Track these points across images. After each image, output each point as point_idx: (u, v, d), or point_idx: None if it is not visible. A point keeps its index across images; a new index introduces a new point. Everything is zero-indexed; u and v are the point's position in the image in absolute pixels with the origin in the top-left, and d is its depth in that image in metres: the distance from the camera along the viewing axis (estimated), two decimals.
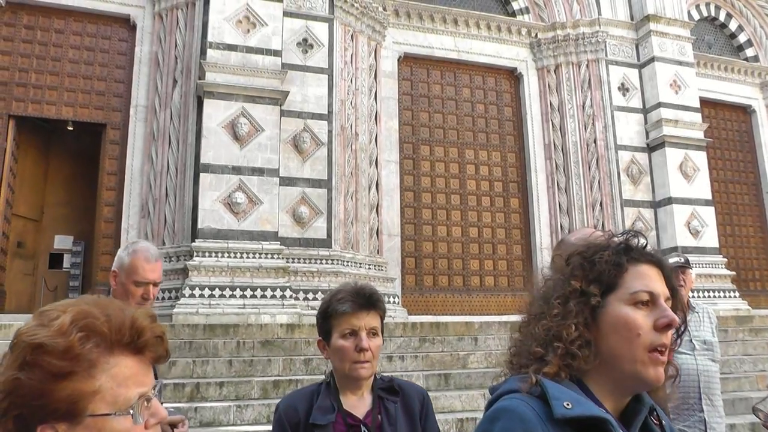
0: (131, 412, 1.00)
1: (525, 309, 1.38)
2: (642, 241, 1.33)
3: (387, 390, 2.25)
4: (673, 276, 1.33)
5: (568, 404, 1.14)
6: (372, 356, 2.15)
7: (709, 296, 13.27)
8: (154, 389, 1.06)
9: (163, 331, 1.10)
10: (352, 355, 2.13)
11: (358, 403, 2.20)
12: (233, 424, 6.68)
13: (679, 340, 1.34)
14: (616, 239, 1.33)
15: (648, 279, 1.27)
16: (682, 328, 1.31)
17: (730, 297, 13.81)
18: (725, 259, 14.40)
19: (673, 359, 1.32)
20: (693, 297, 4.42)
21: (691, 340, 4.13)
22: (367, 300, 2.18)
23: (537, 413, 1.15)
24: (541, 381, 1.20)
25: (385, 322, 2.30)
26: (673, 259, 4.01)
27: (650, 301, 1.26)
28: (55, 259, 13.71)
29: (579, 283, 1.28)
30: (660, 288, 1.27)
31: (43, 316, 1.01)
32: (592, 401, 1.21)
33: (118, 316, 1.03)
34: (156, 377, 1.10)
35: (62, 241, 13.73)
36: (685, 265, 4.09)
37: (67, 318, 0.99)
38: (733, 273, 14.41)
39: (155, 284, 2.88)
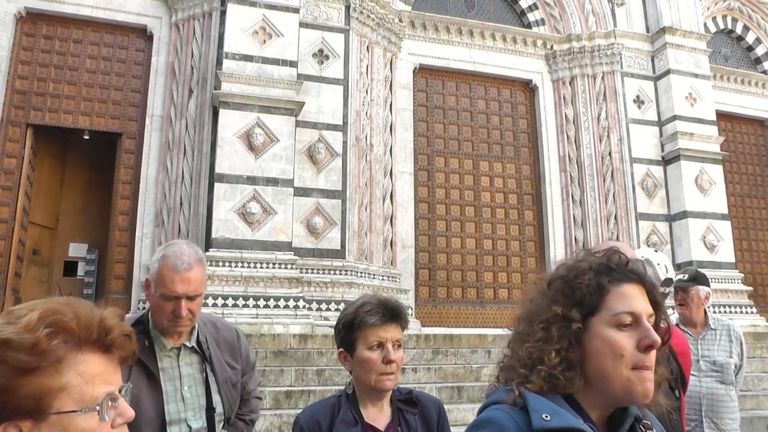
0: (97, 409, 1.00)
1: (513, 324, 1.41)
2: (623, 258, 1.35)
3: (406, 402, 2.27)
4: (655, 290, 1.34)
5: (546, 416, 1.20)
6: (396, 368, 2.16)
7: (725, 312, 13.11)
8: (121, 391, 1.06)
9: (131, 330, 1.10)
10: (379, 367, 2.13)
11: (378, 416, 2.20)
12: None
13: (665, 347, 1.37)
14: (596, 259, 1.35)
15: (630, 299, 1.30)
16: (667, 337, 1.34)
17: (746, 313, 13.63)
18: (742, 274, 14.21)
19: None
20: (712, 313, 4.27)
21: (698, 361, 4.01)
22: (394, 312, 2.19)
23: (518, 424, 1.22)
24: (524, 393, 1.26)
25: None
26: (677, 277, 3.88)
27: (633, 322, 1.28)
28: (70, 267, 13.76)
29: (561, 308, 1.31)
30: (642, 306, 1.30)
31: (12, 315, 1.02)
32: (574, 412, 1.25)
33: (87, 314, 1.04)
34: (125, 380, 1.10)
35: (77, 249, 13.79)
36: (687, 284, 3.97)
37: (34, 315, 1.00)
38: (750, 288, 14.23)
39: (190, 298, 2.25)
